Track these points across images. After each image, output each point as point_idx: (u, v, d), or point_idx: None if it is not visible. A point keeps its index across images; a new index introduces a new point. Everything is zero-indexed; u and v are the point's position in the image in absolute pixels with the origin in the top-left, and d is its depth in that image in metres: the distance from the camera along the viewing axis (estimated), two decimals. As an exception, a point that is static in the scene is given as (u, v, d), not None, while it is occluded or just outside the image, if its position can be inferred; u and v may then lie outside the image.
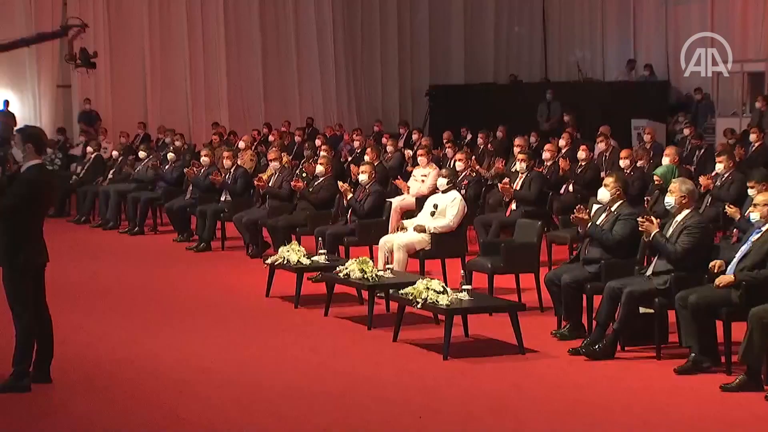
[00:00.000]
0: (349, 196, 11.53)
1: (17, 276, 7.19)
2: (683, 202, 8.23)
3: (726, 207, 10.80)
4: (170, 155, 15.85)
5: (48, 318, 7.38)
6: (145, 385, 7.55)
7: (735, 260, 7.71)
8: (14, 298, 7.20)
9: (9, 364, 7.22)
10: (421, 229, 10.58)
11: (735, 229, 10.35)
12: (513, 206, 12.20)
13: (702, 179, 11.90)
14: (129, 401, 7.16)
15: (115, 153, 17.56)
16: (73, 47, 17.66)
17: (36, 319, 7.24)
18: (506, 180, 12.46)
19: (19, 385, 7.18)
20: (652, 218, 8.23)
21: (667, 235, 8.14)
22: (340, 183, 11.83)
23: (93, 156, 17.75)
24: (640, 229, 8.23)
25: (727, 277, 7.58)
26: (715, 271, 7.68)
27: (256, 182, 13.53)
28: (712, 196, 11.71)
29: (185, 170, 14.80)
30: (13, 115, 22.31)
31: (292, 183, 12.74)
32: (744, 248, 7.73)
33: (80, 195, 16.97)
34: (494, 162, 15.32)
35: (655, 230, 8.10)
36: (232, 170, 14.06)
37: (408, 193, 13.45)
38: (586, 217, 8.79)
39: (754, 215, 7.84)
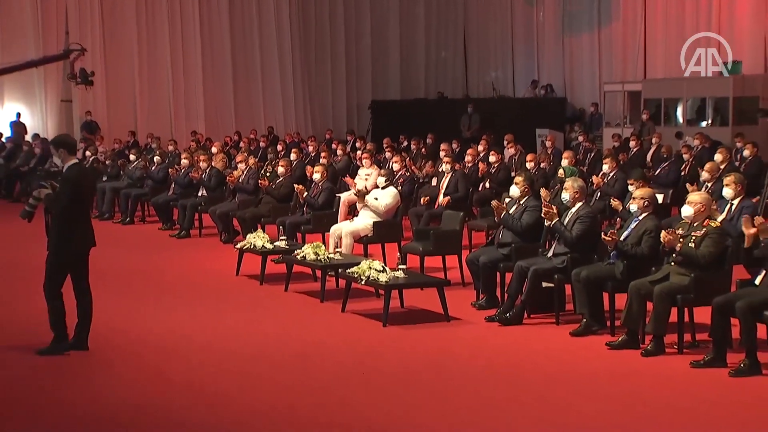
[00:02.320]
0: (305, 194, 11.49)
1: (57, 265, 7.09)
2: (576, 196, 8.32)
3: (611, 200, 10.94)
4: (156, 158, 15.67)
5: (89, 296, 7.28)
6: (136, 350, 7.48)
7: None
8: (48, 282, 7.11)
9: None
10: (360, 192, 10.72)
11: (618, 219, 10.49)
12: (440, 199, 12.23)
13: (594, 179, 12.03)
14: (122, 363, 7.10)
15: (108, 162, 17.35)
16: (74, 68, 17.42)
17: (80, 296, 7.19)
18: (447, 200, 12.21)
19: (60, 347, 7.13)
20: (554, 207, 8.30)
21: (564, 223, 8.21)
22: (295, 185, 11.77)
23: (91, 159, 17.50)
24: (543, 216, 8.30)
25: (612, 240, 7.65)
26: (605, 239, 7.73)
27: (228, 180, 13.44)
28: (600, 192, 11.85)
29: (169, 171, 14.67)
30: (23, 124, 22.09)
31: (259, 182, 12.68)
32: (625, 233, 7.83)
33: (80, 191, 16.70)
34: (425, 164, 15.35)
35: (556, 219, 8.17)
36: (207, 170, 13.97)
37: (354, 188, 13.42)
38: (504, 206, 8.85)
39: (633, 207, 7.95)
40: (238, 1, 24.80)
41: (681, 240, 7.21)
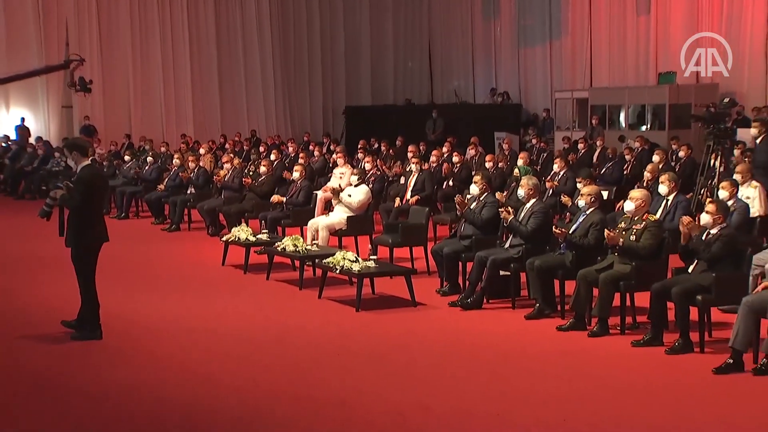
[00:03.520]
0: (284, 200, 11.40)
1: (82, 254, 6.99)
2: (530, 193, 8.35)
3: (561, 197, 10.98)
4: (149, 159, 15.57)
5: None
6: (130, 332, 7.42)
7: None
8: (81, 271, 7.02)
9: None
10: (335, 191, 10.60)
11: (567, 213, 10.54)
12: (408, 196, 12.22)
13: (548, 183, 11.97)
14: (117, 345, 7.03)
15: (105, 162, 17.22)
16: (74, 76, 17.16)
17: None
18: (415, 198, 12.11)
19: (93, 335, 7.05)
20: (509, 209, 8.30)
21: (520, 218, 8.24)
22: (274, 197, 11.64)
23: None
24: (501, 216, 8.30)
25: (562, 233, 7.69)
26: (555, 232, 7.77)
27: (215, 178, 13.36)
28: (552, 189, 11.89)
29: (158, 187, 14.39)
30: (28, 128, 21.96)
31: (243, 180, 12.61)
32: (574, 227, 7.86)
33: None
34: (394, 164, 15.34)
35: (510, 217, 8.17)
36: (195, 170, 13.90)
37: (328, 190, 13.37)
38: (466, 201, 8.85)
39: (581, 203, 7.99)
40: (224, 16, 24.72)
41: (622, 236, 7.25)
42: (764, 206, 9.26)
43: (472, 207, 8.82)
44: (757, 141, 10.67)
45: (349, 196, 10.60)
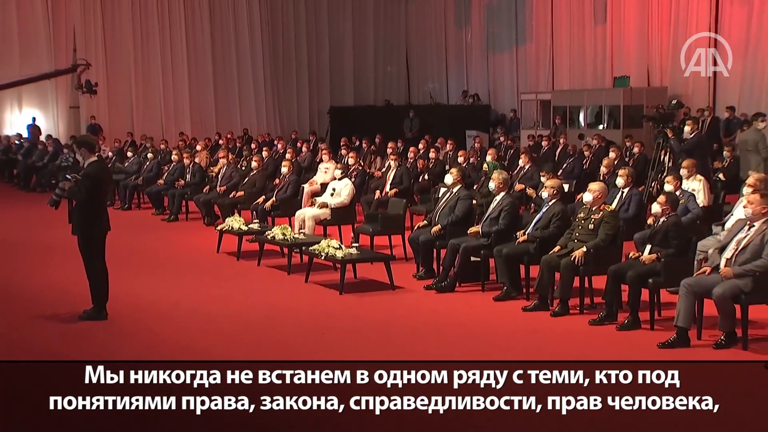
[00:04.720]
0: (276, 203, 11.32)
1: (89, 242, 6.92)
2: (500, 186, 8.35)
3: (527, 189, 10.99)
4: (150, 155, 15.45)
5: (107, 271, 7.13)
6: (133, 315, 7.36)
7: (532, 225, 7.87)
8: (88, 257, 6.95)
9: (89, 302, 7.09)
10: (324, 205, 10.52)
11: (533, 204, 10.56)
12: (387, 189, 12.21)
13: (529, 190, 11.85)
14: (121, 326, 6.99)
15: (110, 154, 17.06)
16: (81, 79, 17.12)
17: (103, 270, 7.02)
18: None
19: (99, 316, 6.99)
20: (474, 231, 8.17)
21: (491, 208, 8.22)
22: (267, 204, 11.46)
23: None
24: (469, 236, 8.19)
25: (523, 238, 7.73)
26: (519, 240, 7.79)
27: (219, 189, 13.12)
28: (519, 183, 11.87)
29: (158, 181, 14.25)
30: (38, 127, 21.79)
31: (232, 194, 12.48)
32: (538, 217, 7.89)
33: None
34: (374, 159, 15.30)
35: (477, 231, 8.08)
36: (191, 166, 13.82)
37: (314, 184, 13.32)
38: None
39: (545, 194, 8.01)
40: (218, 24, 24.56)
41: (582, 247, 7.19)
42: (707, 198, 9.34)
43: (444, 199, 8.81)
44: (690, 136, 10.95)
45: (334, 190, 10.55)
